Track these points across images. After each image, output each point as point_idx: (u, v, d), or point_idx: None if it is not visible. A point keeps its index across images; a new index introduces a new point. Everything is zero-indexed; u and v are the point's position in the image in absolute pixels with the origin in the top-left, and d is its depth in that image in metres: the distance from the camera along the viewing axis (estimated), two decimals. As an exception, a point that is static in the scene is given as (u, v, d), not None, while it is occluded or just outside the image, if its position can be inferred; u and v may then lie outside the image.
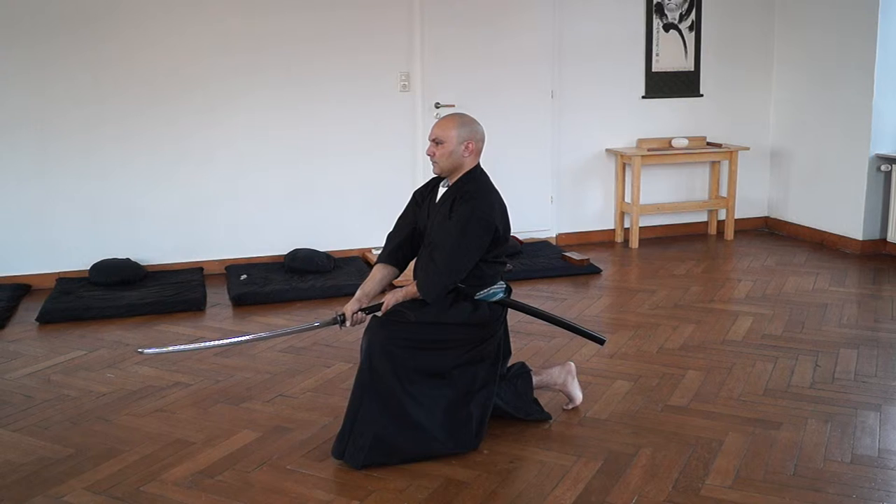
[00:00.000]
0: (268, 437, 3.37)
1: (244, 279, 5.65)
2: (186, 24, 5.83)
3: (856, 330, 4.67)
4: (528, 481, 3.00)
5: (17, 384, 3.98)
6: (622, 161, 6.91)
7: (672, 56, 7.01)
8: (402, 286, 3.32)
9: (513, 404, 3.39)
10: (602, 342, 3.65)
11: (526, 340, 4.47)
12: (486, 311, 3.26)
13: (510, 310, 3.42)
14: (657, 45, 6.95)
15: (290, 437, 3.37)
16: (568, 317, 4.58)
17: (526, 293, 5.39)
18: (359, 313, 3.28)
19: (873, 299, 5.28)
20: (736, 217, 7.21)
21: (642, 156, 6.72)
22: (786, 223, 7.28)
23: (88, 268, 5.71)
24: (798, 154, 7.13)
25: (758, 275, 5.90)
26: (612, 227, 7.13)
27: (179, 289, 5.45)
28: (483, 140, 3.32)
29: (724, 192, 7.20)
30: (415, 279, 3.26)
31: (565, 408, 3.60)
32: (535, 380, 3.51)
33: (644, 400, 3.71)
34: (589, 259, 6.13)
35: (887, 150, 6.34)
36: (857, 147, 6.42)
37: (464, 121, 3.26)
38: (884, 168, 6.34)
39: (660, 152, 6.82)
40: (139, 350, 3.42)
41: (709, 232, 7.33)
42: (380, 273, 3.38)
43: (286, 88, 6.09)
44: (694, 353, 4.31)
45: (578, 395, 3.61)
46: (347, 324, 3.27)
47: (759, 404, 3.64)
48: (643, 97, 7.01)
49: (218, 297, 5.46)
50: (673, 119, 7.11)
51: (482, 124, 3.35)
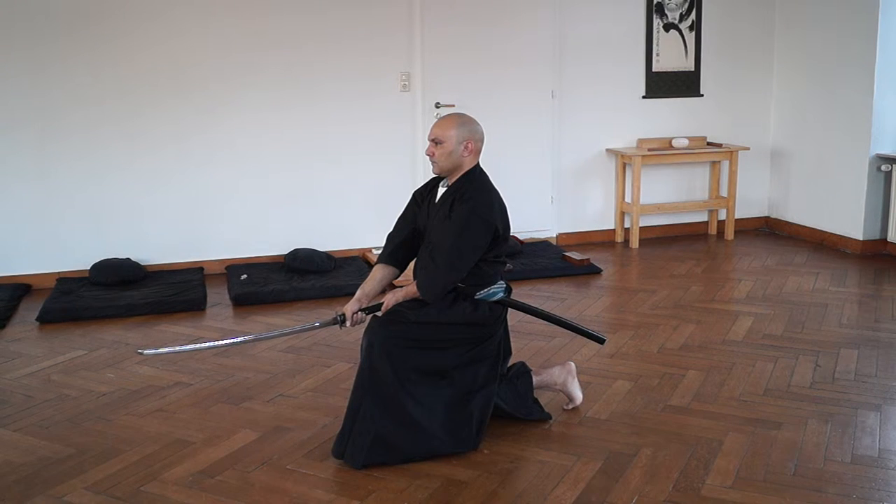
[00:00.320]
0: (268, 436, 3.37)
1: (244, 279, 5.65)
2: (187, 25, 5.83)
3: (856, 330, 4.67)
4: (529, 481, 3.00)
5: (17, 384, 3.99)
6: (622, 161, 6.91)
7: (672, 56, 7.01)
8: (402, 286, 3.33)
9: (513, 404, 3.39)
10: (602, 342, 3.65)
11: (526, 340, 4.47)
12: (487, 311, 3.26)
13: (510, 309, 3.42)
14: (657, 45, 6.95)
15: (290, 436, 3.37)
16: (568, 317, 4.58)
17: (526, 293, 5.39)
18: (359, 313, 3.28)
19: (873, 299, 5.28)
20: (736, 217, 7.21)
21: (643, 156, 6.72)
22: (786, 223, 7.28)
23: (89, 267, 5.72)
24: (798, 154, 7.13)
25: (758, 275, 5.90)
26: (612, 226, 7.13)
27: (180, 289, 5.45)
28: (482, 140, 3.32)
29: (724, 192, 7.20)
30: (415, 279, 3.26)
31: (565, 408, 3.60)
32: (535, 380, 3.51)
33: (644, 400, 3.71)
34: (589, 259, 6.13)
35: (888, 149, 6.34)
36: (857, 147, 6.42)
37: (463, 121, 3.26)
38: (884, 168, 6.33)
39: (660, 152, 6.82)
40: (139, 351, 3.42)
41: (709, 232, 7.33)
42: (380, 273, 3.38)
43: (286, 88, 6.09)
44: (694, 353, 4.31)
45: (579, 395, 3.61)
46: (348, 324, 3.28)
47: (760, 404, 3.64)
48: (643, 97, 7.01)
49: (218, 297, 5.46)
50: (673, 119, 7.11)
51: (482, 124, 3.35)
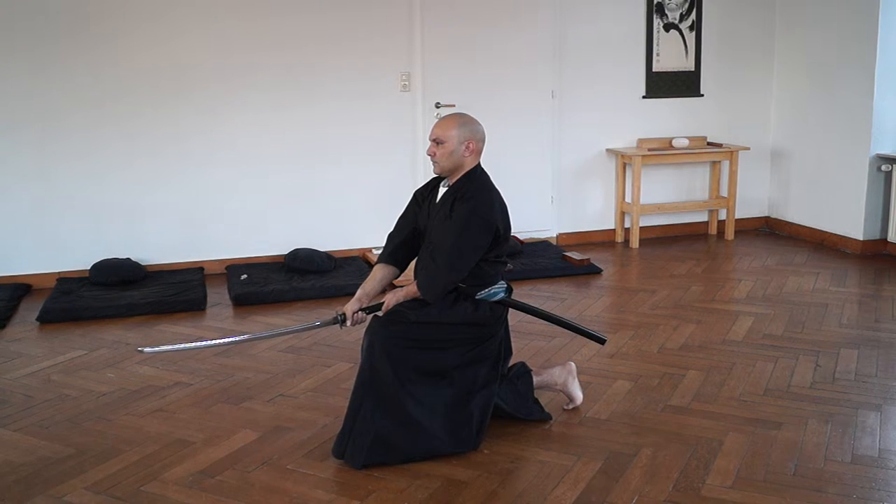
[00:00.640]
0: (268, 436, 3.37)
1: (244, 279, 5.65)
2: (187, 25, 5.83)
3: (856, 330, 4.67)
4: (529, 481, 3.00)
5: (17, 384, 3.98)
6: (623, 161, 6.91)
7: (672, 56, 7.01)
8: (403, 286, 3.33)
9: (513, 404, 3.39)
10: (603, 342, 3.65)
11: (526, 340, 4.47)
12: (487, 311, 3.26)
13: (511, 309, 3.42)
14: (658, 45, 6.95)
15: (290, 436, 3.37)
16: (568, 317, 4.57)
17: (526, 293, 5.39)
18: (359, 313, 3.28)
19: (874, 299, 5.28)
20: (736, 217, 7.21)
21: (643, 156, 6.72)
22: (786, 223, 7.28)
23: (89, 267, 5.71)
24: (798, 154, 7.12)
25: (758, 275, 5.90)
26: (612, 226, 7.13)
27: (180, 288, 5.45)
28: (483, 140, 3.32)
29: (724, 192, 7.20)
30: (415, 279, 3.26)
31: (566, 408, 3.60)
32: (535, 380, 3.51)
33: (644, 400, 3.71)
34: (589, 259, 6.13)
35: (888, 150, 6.34)
36: (857, 147, 6.42)
37: (464, 120, 3.26)
38: (884, 168, 6.33)
39: (660, 152, 6.82)
40: (139, 349, 3.42)
41: (709, 232, 7.33)
42: (380, 273, 3.38)
43: (287, 89, 6.09)
44: (694, 353, 4.31)
45: (579, 395, 3.61)
46: (348, 323, 3.28)
47: (760, 404, 3.64)
48: (644, 97, 7.00)
49: (218, 297, 5.46)
50: (673, 119, 7.11)
51: (483, 124, 3.35)
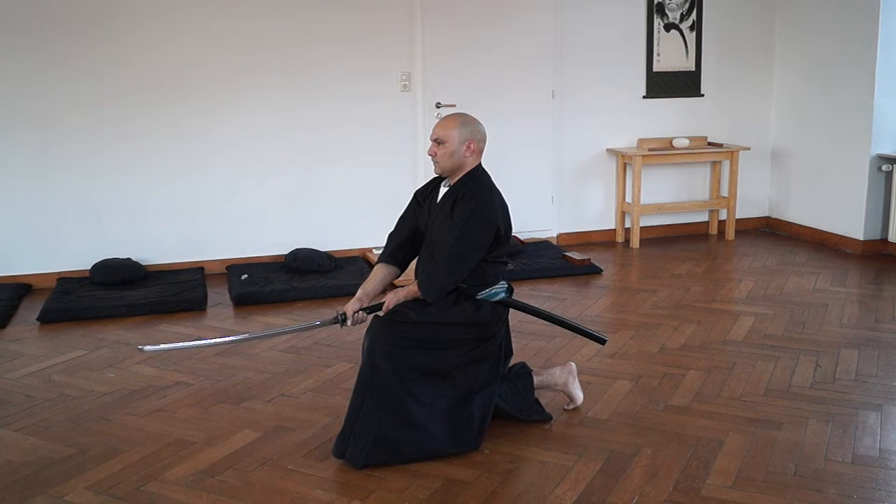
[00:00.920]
0: (268, 436, 3.37)
1: (245, 279, 5.65)
2: (188, 25, 5.83)
3: (857, 330, 4.67)
4: (529, 481, 3.00)
5: (18, 384, 3.99)
6: (623, 161, 6.91)
7: (673, 56, 7.01)
8: (404, 286, 3.33)
9: (514, 404, 3.39)
10: (603, 342, 3.65)
11: (527, 340, 4.47)
12: (488, 311, 3.26)
13: (511, 309, 3.42)
14: (658, 45, 6.95)
15: (290, 436, 3.37)
16: (569, 317, 4.58)
17: (527, 293, 5.39)
18: (360, 313, 3.28)
19: (874, 299, 5.28)
20: (737, 217, 7.21)
21: (643, 156, 6.72)
22: (787, 223, 7.28)
23: (89, 267, 5.72)
24: (799, 154, 7.12)
25: (759, 275, 5.90)
26: (612, 226, 7.13)
27: (180, 288, 5.45)
28: (484, 140, 3.32)
29: (724, 192, 7.20)
30: (416, 279, 3.26)
31: (566, 408, 3.60)
32: (535, 380, 3.50)
33: (645, 400, 3.71)
34: (590, 259, 6.13)
35: (888, 150, 6.34)
36: (857, 147, 6.42)
37: (465, 120, 3.26)
38: (885, 168, 6.33)
39: (661, 152, 6.82)
40: (140, 348, 3.41)
41: (710, 232, 7.33)
42: (381, 273, 3.38)
43: (287, 89, 6.09)
44: (695, 353, 4.31)
45: (579, 395, 3.61)
46: (348, 323, 3.28)
47: (760, 404, 3.64)
48: (644, 97, 7.00)
49: (219, 297, 5.46)
50: (674, 119, 7.11)
51: (483, 124, 3.35)
